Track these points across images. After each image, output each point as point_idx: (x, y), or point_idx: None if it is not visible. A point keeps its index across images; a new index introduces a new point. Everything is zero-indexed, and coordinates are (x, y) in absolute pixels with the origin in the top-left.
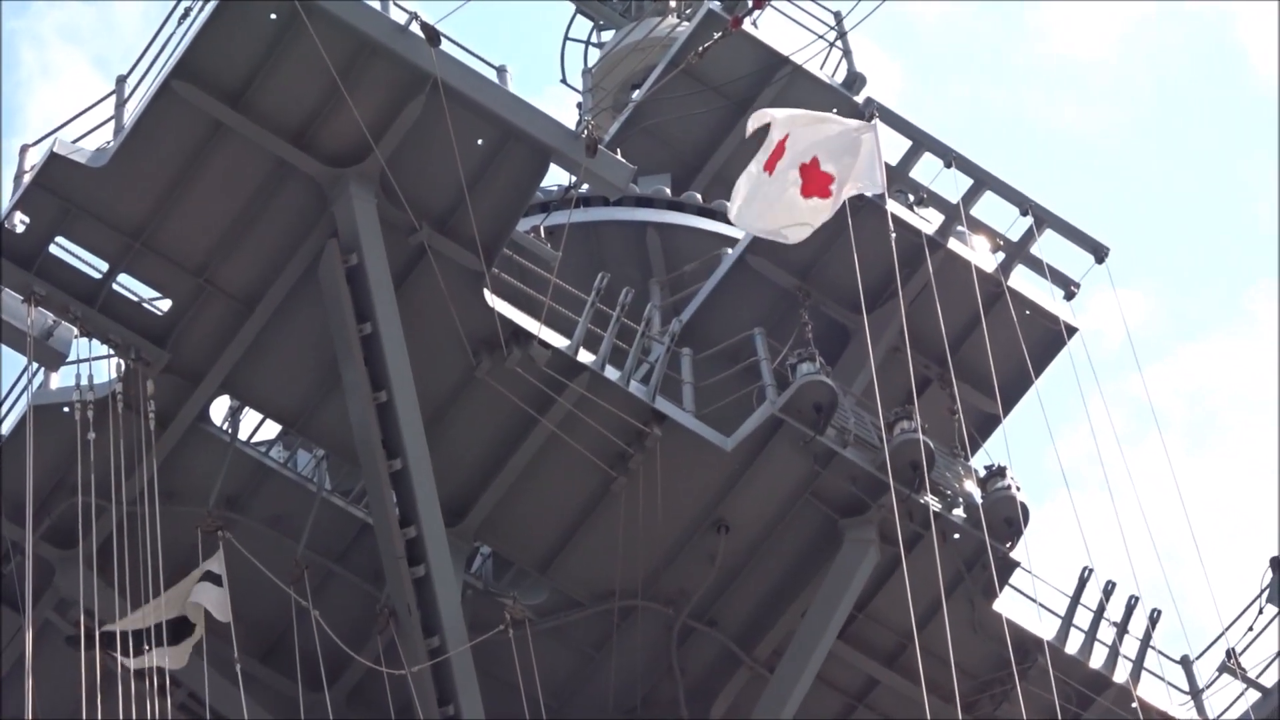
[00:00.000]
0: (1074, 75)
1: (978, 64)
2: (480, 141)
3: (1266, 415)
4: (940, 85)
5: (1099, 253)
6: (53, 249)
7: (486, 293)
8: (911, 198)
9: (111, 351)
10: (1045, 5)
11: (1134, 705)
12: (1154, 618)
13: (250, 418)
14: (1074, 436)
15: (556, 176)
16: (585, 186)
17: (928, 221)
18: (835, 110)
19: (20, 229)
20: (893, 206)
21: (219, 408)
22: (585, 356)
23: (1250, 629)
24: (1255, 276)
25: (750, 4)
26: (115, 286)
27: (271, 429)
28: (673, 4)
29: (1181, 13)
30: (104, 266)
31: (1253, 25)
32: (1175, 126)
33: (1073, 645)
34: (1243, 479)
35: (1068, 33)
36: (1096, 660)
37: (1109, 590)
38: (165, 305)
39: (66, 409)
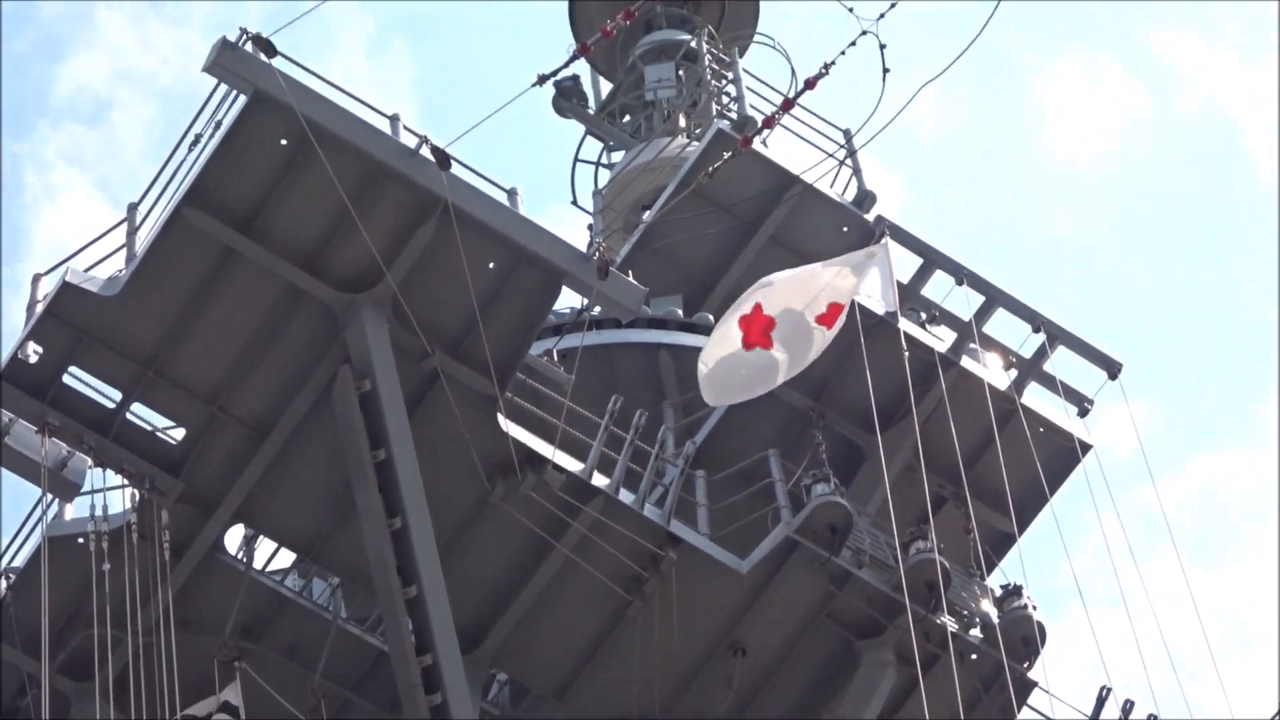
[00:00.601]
0: (1073, 181)
1: (976, 173)
2: (492, 265)
3: (1275, 525)
4: (939, 195)
5: (1111, 369)
6: (66, 378)
7: (500, 417)
8: (924, 315)
9: (125, 482)
10: (1041, 112)
11: None
12: None
13: (265, 546)
14: (1086, 548)
15: (569, 299)
16: (598, 309)
17: (940, 339)
18: (845, 229)
19: (33, 359)
20: (905, 325)
21: (234, 536)
22: (599, 480)
23: None
24: (1261, 384)
25: (760, 123)
26: (129, 416)
27: (286, 557)
28: (682, 124)
29: (1180, 116)
30: (117, 396)
31: (1252, 127)
32: (1177, 231)
33: None
34: (1253, 590)
35: (1065, 139)
36: None
37: (1128, 710)
38: (179, 434)
39: (81, 540)
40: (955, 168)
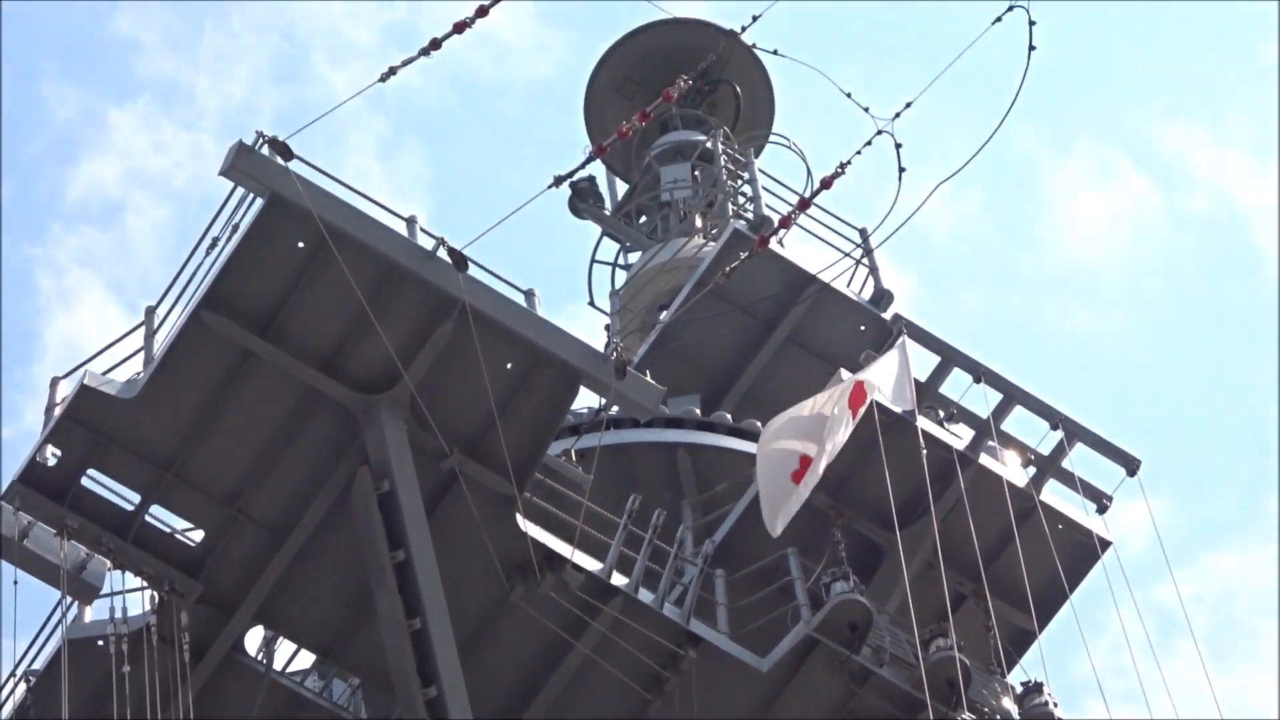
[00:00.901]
0: (1085, 278)
1: (989, 272)
2: (510, 365)
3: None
4: (952, 294)
5: (1130, 465)
6: (84, 481)
7: (519, 517)
8: (942, 413)
9: (145, 584)
10: (1053, 209)
11: None
12: None
13: (285, 647)
14: (1104, 643)
15: (587, 399)
16: (615, 409)
17: (959, 437)
18: (863, 327)
19: (52, 462)
20: (923, 423)
21: (254, 637)
22: (619, 579)
23: None
24: (1274, 481)
25: (776, 223)
26: (148, 518)
27: (306, 658)
28: (698, 224)
29: (1191, 213)
30: (136, 498)
31: (1265, 227)
32: (1189, 330)
33: None
34: (1268, 685)
35: (1077, 236)
36: None
37: None
38: (198, 536)
39: (101, 642)
40: (968, 265)
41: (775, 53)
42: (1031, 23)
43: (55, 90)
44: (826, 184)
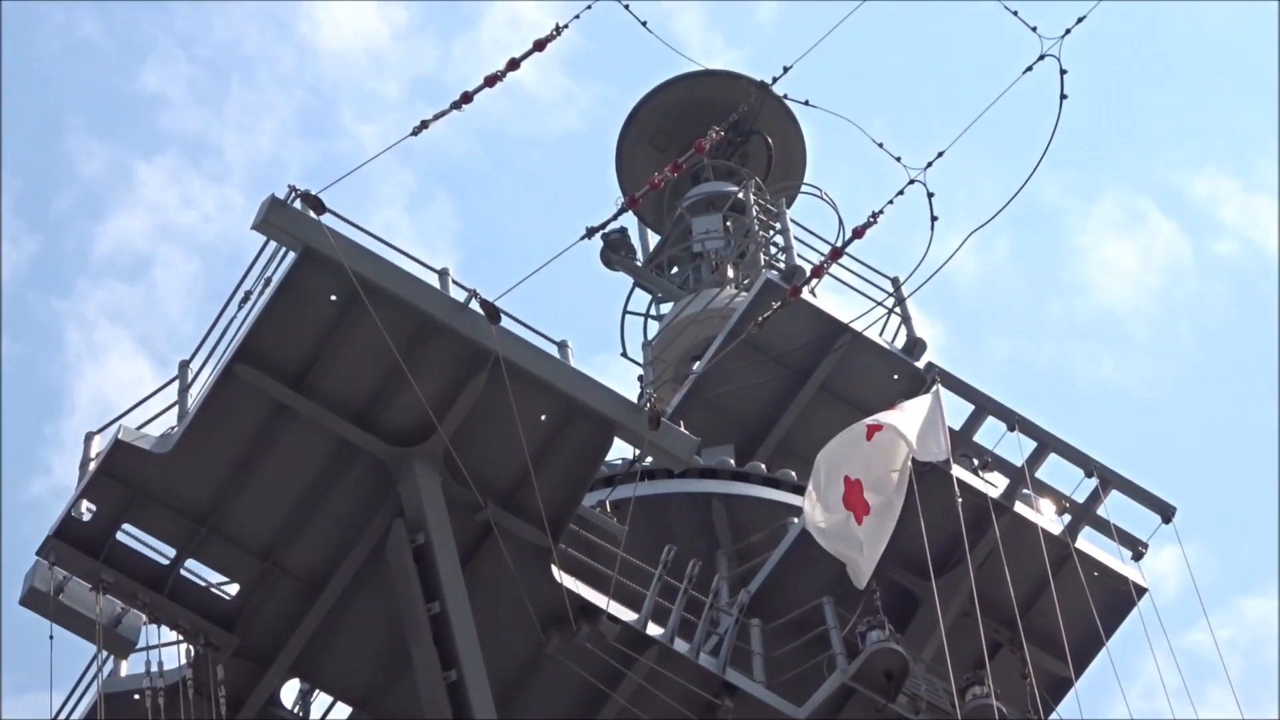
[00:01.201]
0: (1114, 325)
1: (1016, 320)
2: (544, 417)
3: None
4: (980, 342)
5: (1166, 513)
6: (119, 535)
7: (554, 568)
8: (976, 462)
9: (180, 637)
10: (1081, 256)
11: None
12: None
13: (321, 700)
14: (1135, 687)
15: (621, 450)
16: (650, 459)
17: (993, 485)
18: (896, 376)
19: (87, 517)
20: (958, 471)
21: (290, 690)
22: (654, 630)
23: None
24: None
25: (808, 273)
26: (183, 572)
27: (342, 711)
28: (730, 275)
29: (1221, 262)
30: (171, 552)
31: None
32: (1219, 377)
33: None
34: None
35: (1105, 283)
36: None
37: None
38: (233, 589)
39: (137, 696)
40: (996, 313)
41: (806, 103)
42: (1063, 71)
43: (81, 145)
44: (859, 233)
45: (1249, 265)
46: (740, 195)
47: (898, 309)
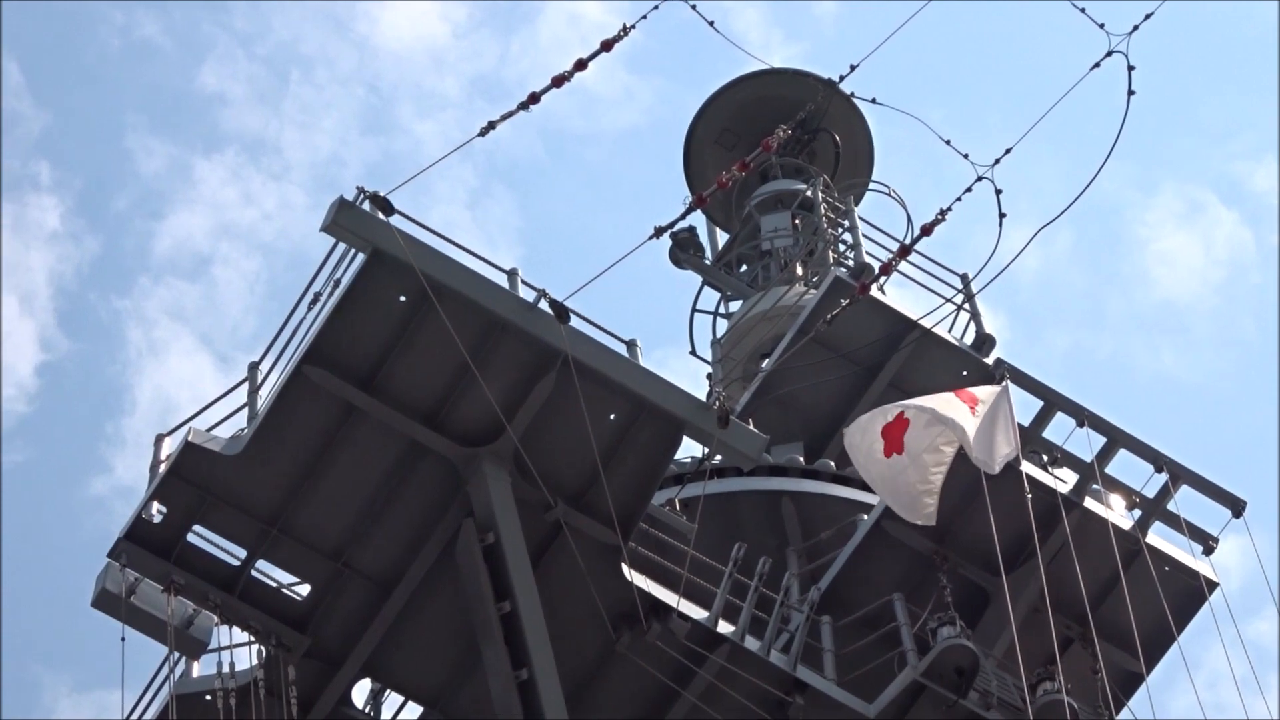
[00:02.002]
0: (1176, 317)
1: (1077, 313)
2: (613, 416)
3: None
4: (1041, 336)
5: (1236, 507)
6: (190, 537)
7: (624, 567)
8: (1045, 458)
9: (252, 638)
10: (1142, 248)
11: None
12: None
13: (392, 700)
14: (1199, 678)
15: (690, 448)
16: (719, 458)
17: (1063, 481)
18: (965, 373)
19: (157, 519)
20: (1027, 467)
21: (360, 690)
22: (725, 627)
23: None
24: None
25: (876, 270)
26: (253, 573)
27: (414, 710)
28: (799, 272)
29: None
30: (242, 553)
31: None
32: None
33: None
34: None
35: (1166, 275)
36: None
37: None
38: (304, 590)
39: (209, 697)
40: (1057, 306)
41: (874, 101)
42: (1131, 68)
43: (142, 143)
44: (927, 230)
45: None
46: (808, 193)
47: (966, 305)
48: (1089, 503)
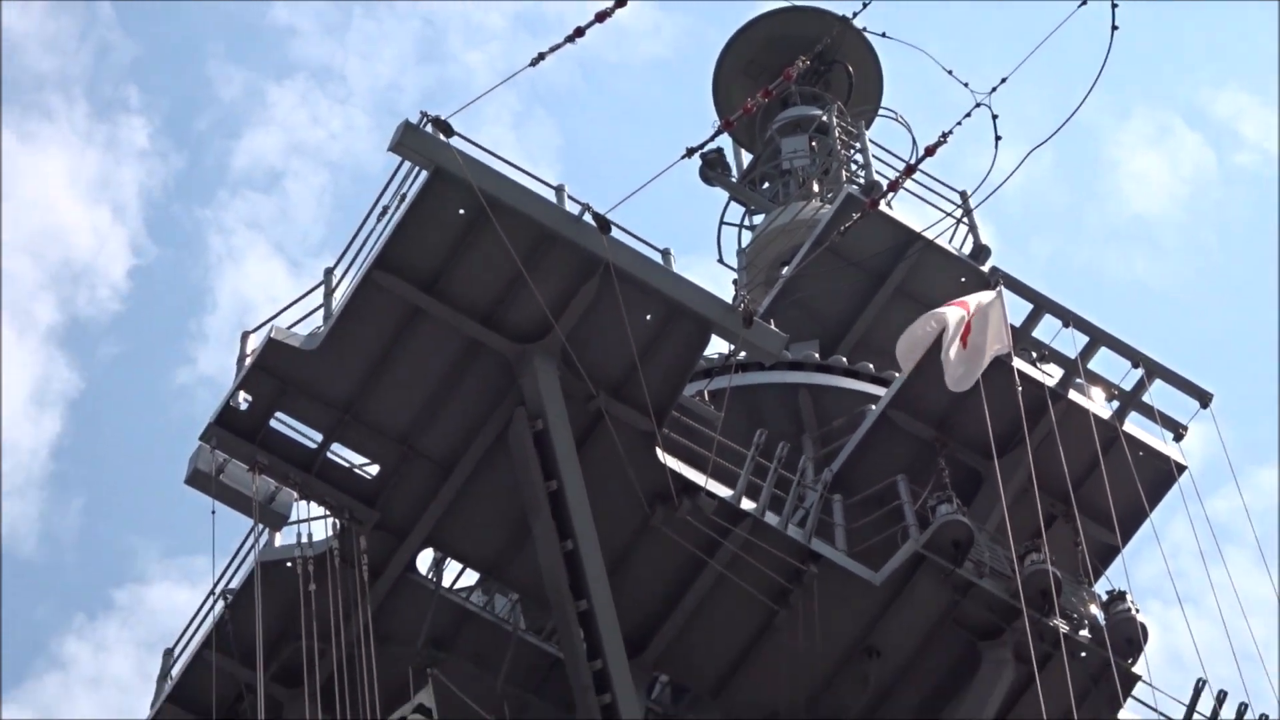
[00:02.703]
0: (1145, 229)
1: (1057, 225)
2: (649, 317)
3: None
4: (1024, 245)
5: (1204, 399)
6: (273, 423)
7: (658, 450)
8: (1034, 355)
9: (327, 513)
10: (1115, 168)
11: None
12: None
13: (452, 567)
14: (1166, 548)
15: (717, 345)
16: (743, 354)
17: (1050, 375)
18: (963, 279)
19: (244, 406)
20: (1018, 363)
21: (424, 559)
22: (747, 505)
23: None
24: None
25: (885, 187)
26: (329, 455)
27: (471, 577)
28: (815, 189)
29: (1241, 171)
30: (318, 437)
31: None
32: (1240, 276)
33: None
34: None
35: (1137, 192)
36: None
37: (1221, 698)
38: (374, 470)
39: (289, 564)
40: (1041, 220)
41: (884, 35)
42: (1114, 5)
43: (220, 70)
44: (930, 151)
45: (1267, 174)
46: (824, 118)
47: (965, 219)
48: (1072, 395)
